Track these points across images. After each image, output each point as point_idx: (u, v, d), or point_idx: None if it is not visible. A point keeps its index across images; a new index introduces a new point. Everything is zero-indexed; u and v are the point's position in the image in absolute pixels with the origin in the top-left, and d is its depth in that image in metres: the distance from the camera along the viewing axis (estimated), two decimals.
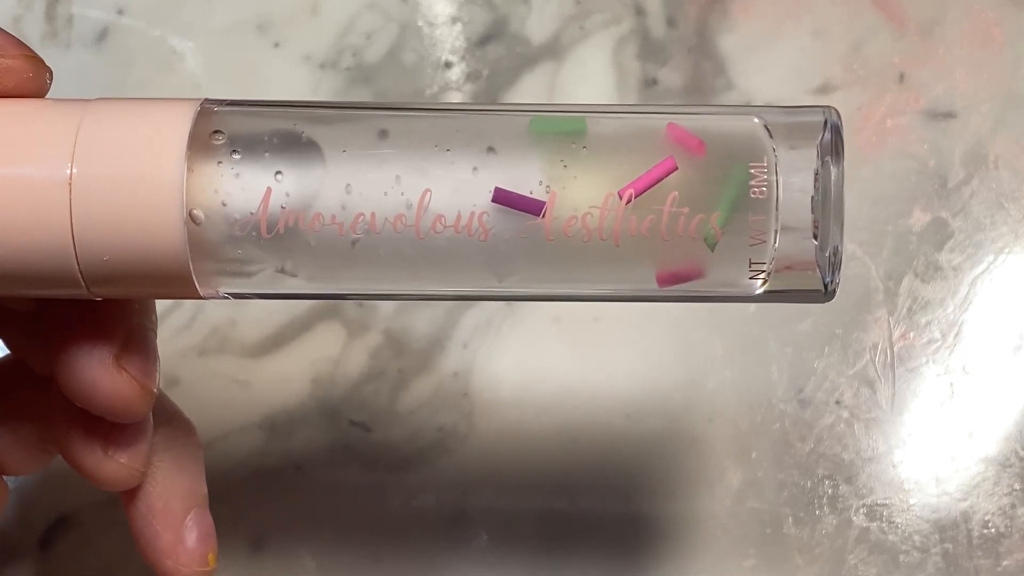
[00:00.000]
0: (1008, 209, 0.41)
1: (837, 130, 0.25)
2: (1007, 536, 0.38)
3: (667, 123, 0.25)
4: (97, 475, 0.29)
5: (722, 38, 0.44)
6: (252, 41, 0.45)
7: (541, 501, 0.39)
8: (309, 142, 0.25)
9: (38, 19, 0.45)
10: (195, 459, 0.31)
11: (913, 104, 0.43)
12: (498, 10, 0.45)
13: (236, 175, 0.24)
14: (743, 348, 0.40)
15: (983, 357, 0.40)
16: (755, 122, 0.25)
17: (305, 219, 0.24)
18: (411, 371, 0.41)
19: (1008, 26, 0.43)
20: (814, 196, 0.24)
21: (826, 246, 0.24)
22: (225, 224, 0.24)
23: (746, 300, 0.25)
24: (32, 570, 0.39)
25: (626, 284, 0.25)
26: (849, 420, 0.39)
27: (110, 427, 0.28)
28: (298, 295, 0.26)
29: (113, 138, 0.24)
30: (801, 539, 0.38)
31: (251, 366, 0.41)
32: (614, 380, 0.40)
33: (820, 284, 0.25)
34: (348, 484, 0.39)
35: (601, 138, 0.25)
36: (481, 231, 0.24)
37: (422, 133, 0.25)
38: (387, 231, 0.24)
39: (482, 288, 0.25)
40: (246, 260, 0.25)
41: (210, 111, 0.25)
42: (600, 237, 0.24)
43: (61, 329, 0.27)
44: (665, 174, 0.24)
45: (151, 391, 0.27)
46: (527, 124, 0.25)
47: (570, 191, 0.24)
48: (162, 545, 0.30)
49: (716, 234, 0.24)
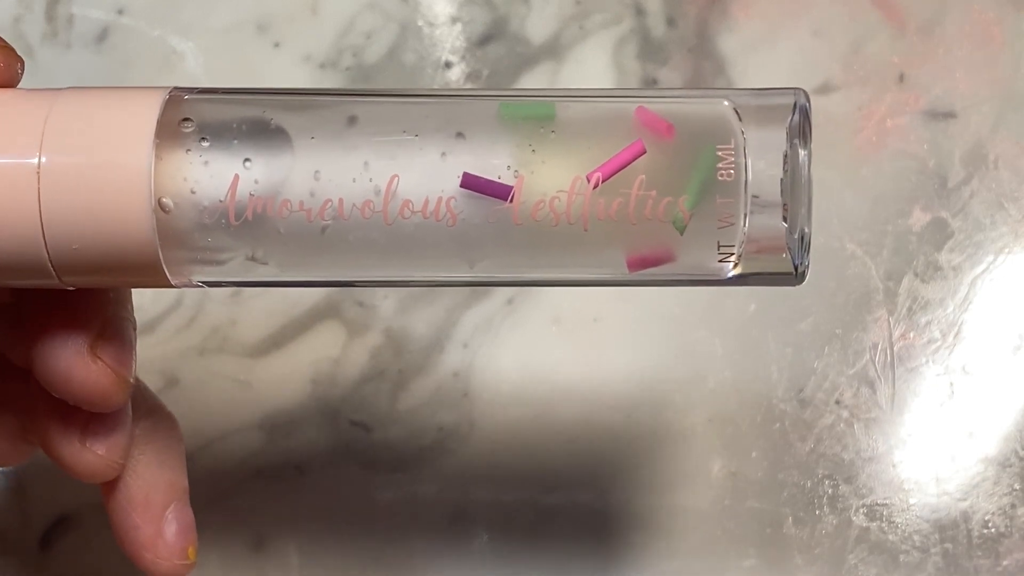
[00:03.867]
0: (1008, 209, 0.41)
1: (806, 112, 0.25)
2: (1007, 536, 0.38)
3: (636, 107, 0.25)
4: (75, 466, 0.29)
5: (722, 38, 0.44)
6: (252, 41, 0.45)
7: (541, 500, 0.39)
8: (277, 129, 0.25)
9: (38, 19, 0.45)
10: (176, 453, 0.31)
11: (913, 104, 0.43)
12: (498, 10, 0.45)
13: (205, 163, 0.24)
14: (743, 348, 0.40)
15: (983, 357, 0.40)
16: (724, 105, 0.25)
17: (273, 206, 0.24)
18: (411, 371, 0.41)
19: (1008, 26, 0.43)
20: (783, 178, 0.24)
21: (795, 228, 0.24)
22: (194, 212, 0.24)
23: (717, 284, 0.25)
24: (32, 570, 0.39)
25: (596, 268, 0.25)
26: (849, 420, 0.39)
27: (88, 418, 0.28)
28: (270, 283, 0.26)
29: (82, 127, 0.24)
30: (801, 539, 0.38)
31: (251, 366, 0.41)
32: (614, 380, 0.40)
33: (791, 266, 0.25)
34: (348, 484, 0.39)
35: (570, 123, 0.25)
36: (449, 216, 0.24)
37: (391, 119, 0.25)
38: (355, 217, 0.24)
39: (453, 274, 0.25)
40: (216, 248, 0.25)
41: (179, 99, 0.25)
42: (568, 221, 0.24)
43: (37, 319, 0.27)
44: (633, 157, 0.24)
45: (127, 380, 0.27)
46: (496, 109, 0.25)
47: (538, 175, 0.24)
48: (142, 538, 0.30)
49: (684, 217, 0.24)
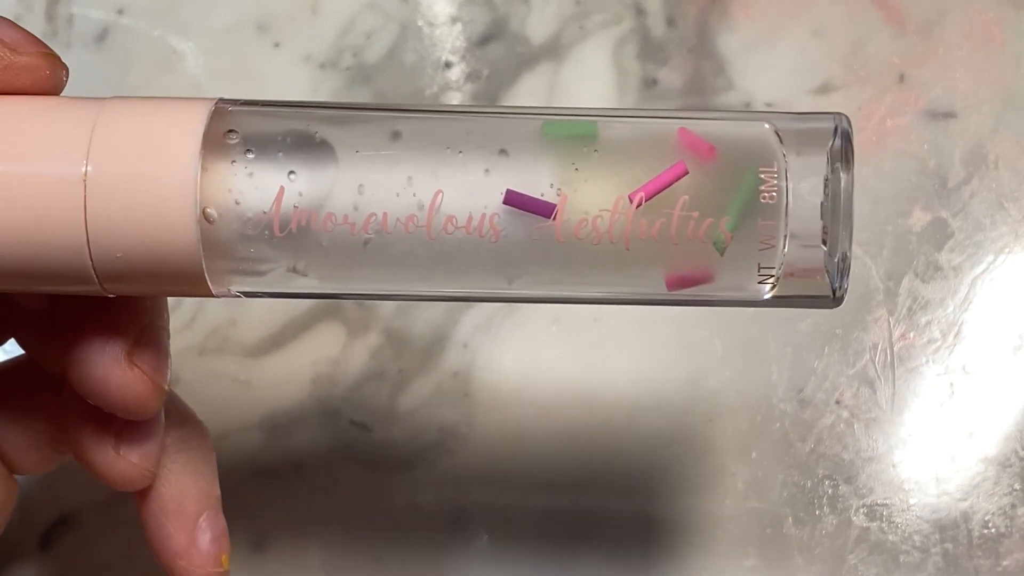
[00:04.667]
0: (1008, 209, 0.41)
1: (847, 137, 0.25)
2: (1007, 536, 0.38)
3: (678, 128, 0.25)
4: (108, 474, 0.29)
5: (722, 38, 0.44)
6: (252, 41, 0.45)
7: (541, 501, 0.39)
8: (322, 142, 0.25)
9: (38, 19, 0.45)
10: (208, 461, 0.31)
11: (913, 104, 0.43)
12: (498, 10, 0.45)
13: (249, 174, 0.24)
14: (743, 348, 0.40)
15: (983, 357, 0.40)
16: (765, 128, 0.25)
17: (317, 219, 0.24)
18: (411, 371, 0.41)
19: (1008, 26, 0.43)
20: (823, 202, 0.24)
21: (835, 252, 0.25)
22: (238, 223, 0.24)
23: (755, 305, 0.25)
24: (32, 570, 0.39)
25: (635, 287, 0.25)
26: (849, 420, 0.39)
27: (122, 426, 0.29)
28: (309, 294, 0.26)
29: (128, 137, 0.24)
30: (801, 539, 0.38)
31: (251, 366, 0.41)
32: (614, 380, 0.40)
33: (828, 290, 0.25)
34: (348, 484, 0.39)
35: (612, 142, 0.25)
36: (492, 233, 0.24)
37: (434, 135, 0.25)
38: (399, 232, 0.24)
39: (491, 289, 0.25)
40: (258, 259, 0.25)
41: (224, 111, 0.25)
42: (610, 240, 0.24)
43: (74, 325, 0.27)
44: (675, 178, 0.24)
45: (162, 388, 0.28)
46: (539, 127, 0.25)
47: (581, 194, 0.24)
48: (175, 546, 0.30)
49: (726, 238, 0.24)
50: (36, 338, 0.29)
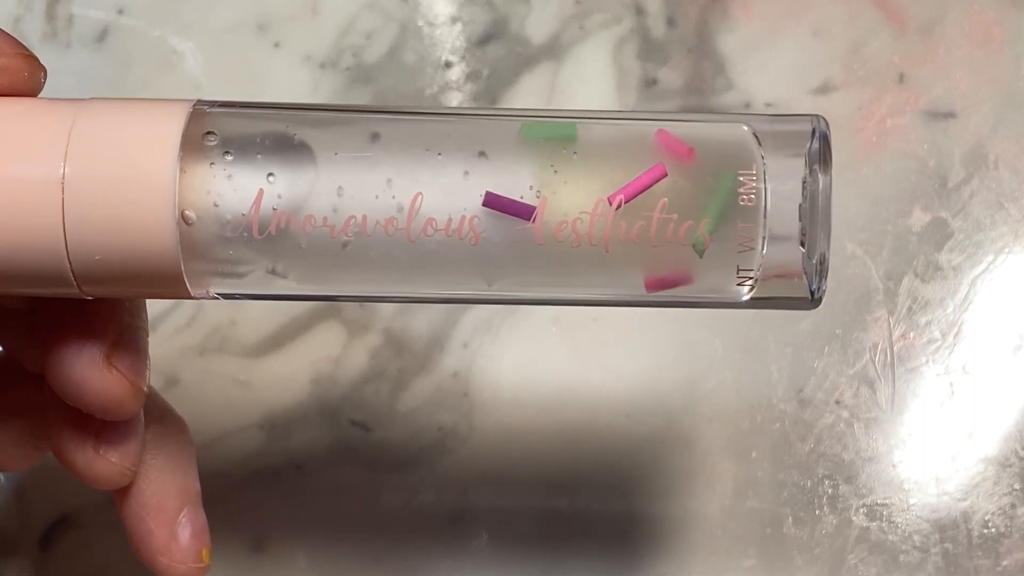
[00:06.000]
0: (1008, 209, 0.41)
1: (825, 138, 0.25)
2: (1007, 536, 0.38)
3: (657, 130, 0.25)
4: (88, 473, 0.29)
5: (722, 38, 0.44)
6: (252, 41, 0.45)
7: (541, 501, 0.39)
8: (301, 144, 0.25)
9: (38, 19, 0.45)
10: (187, 456, 0.31)
11: (913, 104, 0.43)
12: (498, 10, 0.45)
13: (228, 176, 0.24)
14: (743, 348, 0.40)
15: (983, 357, 0.40)
16: (744, 130, 0.25)
17: (297, 221, 0.24)
18: (411, 371, 0.41)
19: (1008, 26, 0.43)
20: (802, 204, 0.24)
21: (813, 253, 0.25)
22: (217, 225, 0.24)
23: (734, 306, 0.26)
24: (32, 570, 0.39)
25: (615, 289, 0.25)
26: (849, 420, 0.39)
27: (101, 425, 0.28)
28: (289, 296, 0.26)
29: (106, 138, 0.24)
30: (801, 539, 0.38)
31: (251, 366, 0.41)
32: (614, 380, 0.40)
33: (807, 291, 0.25)
34: (348, 484, 0.39)
35: (592, 144, 0.25)
36: (472, 235, 0.24)
37: (414, 136, 0.25)
38: (378, 234, 0.24)
39: (471, 291, 0.25)
40: (237, 261, 0.25)
41: (203, 112, 0.25)
42: (590, 242, 0.24)
43: (53, 327, 0.27)
44: (655, 180, 0.24)
45: (141, 389, 0.27)
46: (518, 129, 0.25)
47: (560, 196, 0.24)
48: (156, 543, 0.30)
49: (704, 240, 0.24)
50: (16, 338, 0.29)
